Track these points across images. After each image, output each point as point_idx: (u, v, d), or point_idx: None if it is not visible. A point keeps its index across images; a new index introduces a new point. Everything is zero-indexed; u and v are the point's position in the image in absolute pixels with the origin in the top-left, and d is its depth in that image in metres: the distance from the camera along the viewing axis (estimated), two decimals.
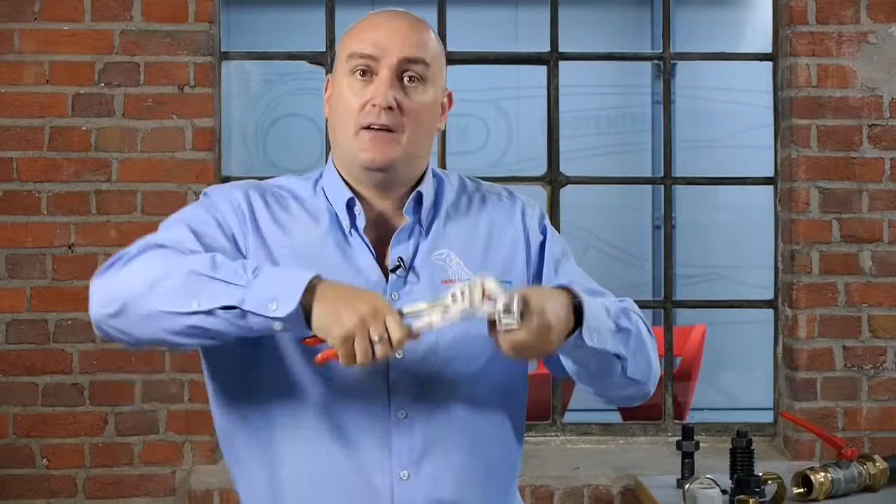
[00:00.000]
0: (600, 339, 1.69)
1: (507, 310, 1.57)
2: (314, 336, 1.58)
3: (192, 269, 1.59)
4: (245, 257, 1.74)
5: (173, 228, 1.74)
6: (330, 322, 1.55)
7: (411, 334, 1.58)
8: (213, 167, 3.49)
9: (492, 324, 1.60)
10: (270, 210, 1.79)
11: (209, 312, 1.58)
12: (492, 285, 1.58)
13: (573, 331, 1.67)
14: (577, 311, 1.67)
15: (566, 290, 1.69)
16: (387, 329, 1.55)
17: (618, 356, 1.74)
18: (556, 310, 1.62)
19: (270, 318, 1.56)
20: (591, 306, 1.69)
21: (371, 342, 1.54)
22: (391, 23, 1.78)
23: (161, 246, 1.67)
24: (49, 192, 3.45)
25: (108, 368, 3.44)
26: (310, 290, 1.56)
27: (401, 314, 1.58)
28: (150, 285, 1.60)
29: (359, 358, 1.54)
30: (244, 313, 1.57)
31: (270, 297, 1.55)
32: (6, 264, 3.44)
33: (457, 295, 1.58)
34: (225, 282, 1.58)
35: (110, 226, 3.45)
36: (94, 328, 1.67)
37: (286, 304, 1.55)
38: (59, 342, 3.44)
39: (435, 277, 1.77)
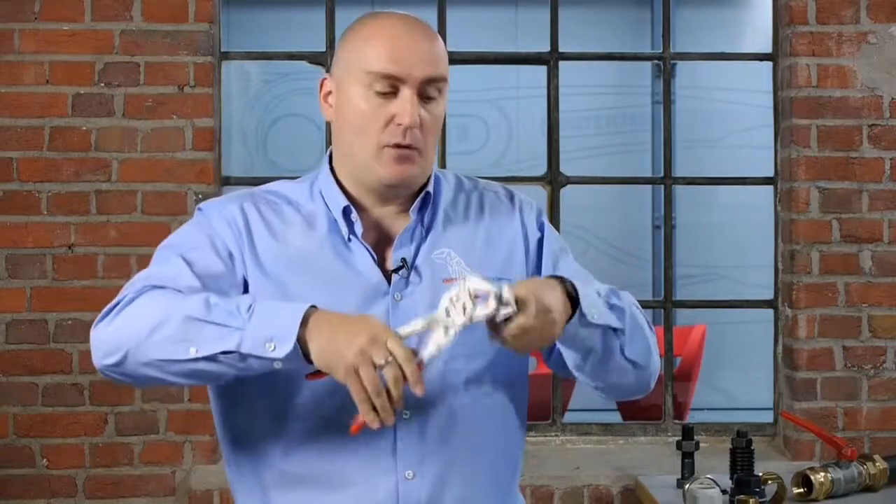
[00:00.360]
0: (600, 314, 1.70)
1: (500, 299, 1.57)
2: (317, 371, 1.58)
3: (188, 314, 1.59)
4: (244, 272, 1.75)
5: (166, 262, 1.73)
6: (332, 358, 1.55)
7: (420, 365, 1.57)
8: (213, 167, 3.49)
9: (490, 323, 1.60)
10: (266, 221, 1.79)
11: (209, 358, 1.59)
12: (476, 284, 1.58)
13: (572, 316, 1.67)
14: (571, 298, 1.68)
15: (555, 278, 1.70)
16: (390, 352, 1.54)
17: (615, 330, 1.74)
18: (550, 294, 1.64)
19: (269, 358, 1.56)
20: (583, 287, 1.70)
21: (376, 367, 1.54)
22: (411, 37, 1.76)
23: (156, 286, 1.66)
24: (49, 192, 3.45)
25: None
26: (304, 323, 1.56)
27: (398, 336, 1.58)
28: (148, 333, 1.60)
29: (370, 389, 1.53)
30: (243, 356, 1.57)
31: (267, 338, 1.56)
32: (6, 264, 3.44)
33: (450, 308, 1.58)
34: (220, 325, 1.58)
35: (110, 226, 3.45)
36: (99, 373, 1.68)
37: (283, 345, 1.55)
38: (59, 342, 3.44)
39: (436, 276, 1.78)
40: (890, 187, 3.54)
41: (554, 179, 3.74)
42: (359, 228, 1.78)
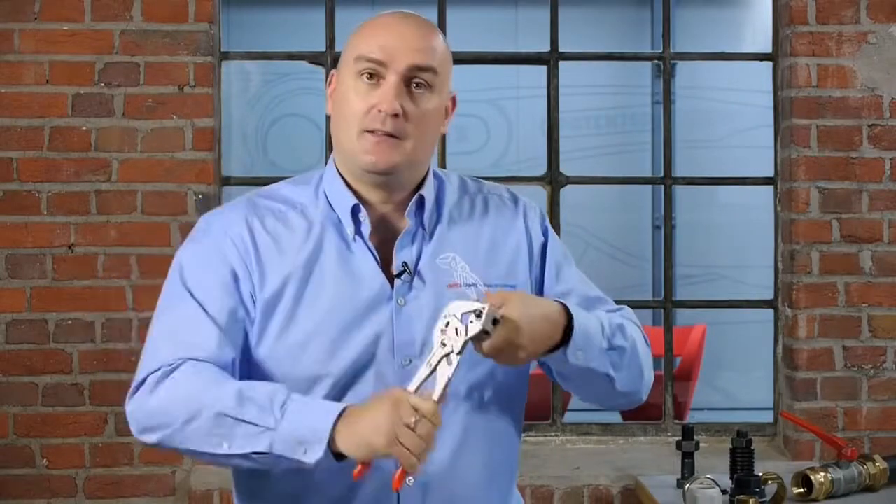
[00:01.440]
0: (587, 357, 1.72)
1: (479, 314, 1.61)
2: (361, 465, 1.59)
3: (220, 410, 1.62)
4: (251, 289, 1.74)
5: (182, 308, 1.73)
6: (370, 440, 1.56)
7: (440, 400, 1.60)
8: (213, 167, 3.49)
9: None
10: (271, 234, 1.78)
11: (242, 456, 1.63)
12: (458, 308, 1.61)
13: (561, 345, 1.69)
14: (570, 327, 1.69)
15: (563, 306, 1.71)
16: (415, 408, 1.56)
17: (606, 374, 1.76)
18: (533, 321, 1.65)
19: (301, 461, 1.60)
20: (584, 324, 1.71)
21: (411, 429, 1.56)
22: (401, 27, 1.76)
23: (189, 360, 1.68)
24: (49, 192, 3.44)
25: (108, 368, 3.44)
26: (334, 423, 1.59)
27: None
28: (183, 423, 1.64)
29: (413, 450, 1.55)
30: (276, 456, 1.61)
31: (298, 441, 1.59)
32: (6, 264, 3.44)
33: (445, 340, 1.62)
34: (252, 424, 1.60)
35: (110, 226, 3.45)
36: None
37: (314, 449, 1.58)
38: (59, 342, 3.44)
39: (440, 281, 1.78)
40: (890, 187, 3.54)
41: (554, 179, 3.74)
42: (366, 227, 1.78)
